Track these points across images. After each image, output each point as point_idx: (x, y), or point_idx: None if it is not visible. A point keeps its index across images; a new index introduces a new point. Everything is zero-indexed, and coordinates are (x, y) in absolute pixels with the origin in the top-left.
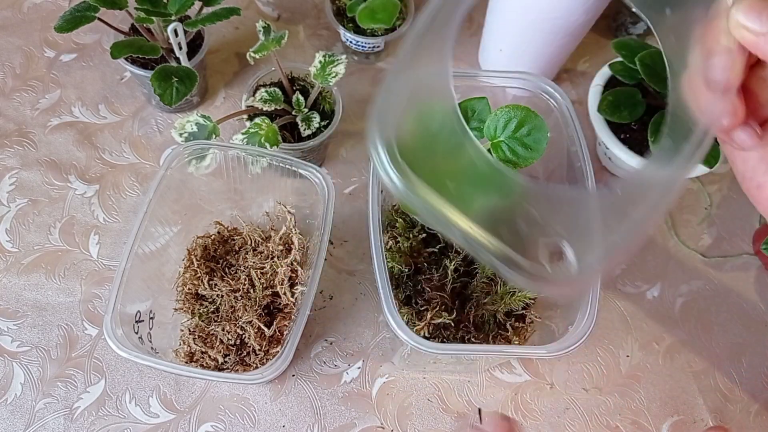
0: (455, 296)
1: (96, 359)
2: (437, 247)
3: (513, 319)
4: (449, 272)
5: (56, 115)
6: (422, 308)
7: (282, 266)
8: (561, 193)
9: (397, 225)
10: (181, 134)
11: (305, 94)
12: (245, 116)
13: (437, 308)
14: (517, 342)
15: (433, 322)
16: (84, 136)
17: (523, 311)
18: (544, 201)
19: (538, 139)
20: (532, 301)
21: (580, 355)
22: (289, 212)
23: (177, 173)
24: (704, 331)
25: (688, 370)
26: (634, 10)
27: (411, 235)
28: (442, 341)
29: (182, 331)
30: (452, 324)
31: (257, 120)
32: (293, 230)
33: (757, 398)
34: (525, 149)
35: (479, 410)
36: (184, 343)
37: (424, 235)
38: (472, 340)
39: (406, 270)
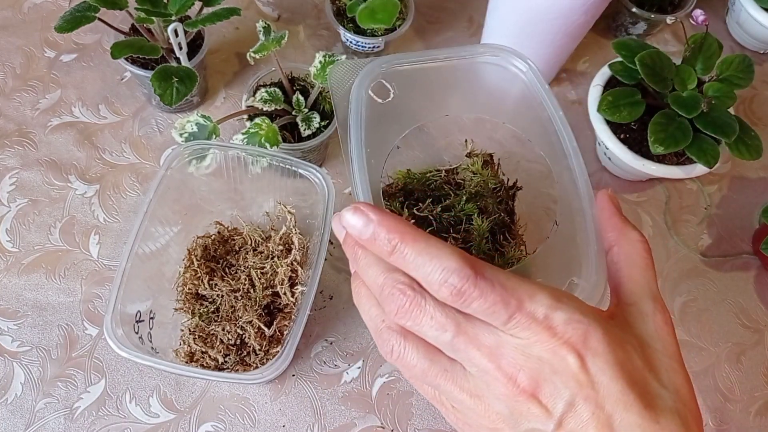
0: None
1: (96, 359)
2: (427, 230)
3: None
4: None
5: (56, 115)
6: None
7: (282, 266)
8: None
9: None
10: (181, 134)
11: (305, 94)
12: (245, 116)
13: None
14: None
15: None
16: (84, 136)
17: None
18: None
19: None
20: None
21: None
22: (289, 212)
23: (177, 173)
24: (704, 331)
25: (687, 370)
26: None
27: None
28: None
29: (182, 331)
30: None
31: (257, 120)
32: (293, 230)
33: (757, 398)
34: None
35: None
36: (184, 343)
37: (413, 221)
38: None
39: None
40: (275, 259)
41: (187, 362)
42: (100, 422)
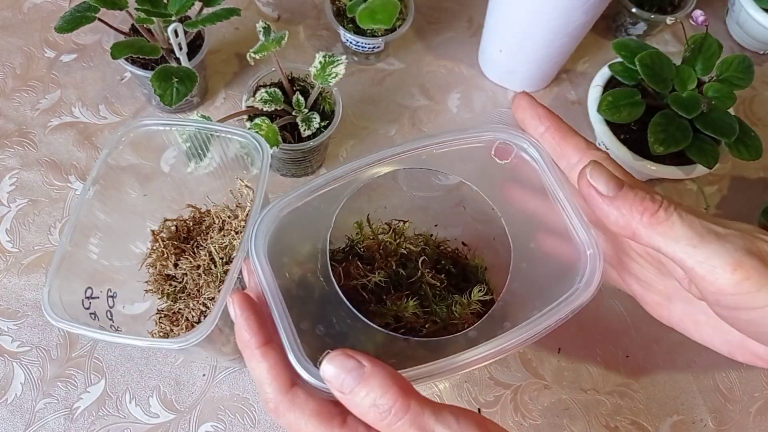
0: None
1: (96, 359)
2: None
3: None
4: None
5: (56, 116)
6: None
7: (239, 239)
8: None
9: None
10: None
11: (305, 94)
12: (245, 116)
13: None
14: None
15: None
16: (84, 137)
17: None
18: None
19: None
20: None
21: (579, 355)
22: (246, 186)
23: (119, 161)
24: None
25: (687, 370)
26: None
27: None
28: None
29: (157, 313)
30: None
31: (257, 120)
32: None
33: (756, 398)
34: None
35: (479, 410)
36: (156, 324)
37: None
38: None
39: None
40: (240, 233)
41: None
42: (100, 422)
